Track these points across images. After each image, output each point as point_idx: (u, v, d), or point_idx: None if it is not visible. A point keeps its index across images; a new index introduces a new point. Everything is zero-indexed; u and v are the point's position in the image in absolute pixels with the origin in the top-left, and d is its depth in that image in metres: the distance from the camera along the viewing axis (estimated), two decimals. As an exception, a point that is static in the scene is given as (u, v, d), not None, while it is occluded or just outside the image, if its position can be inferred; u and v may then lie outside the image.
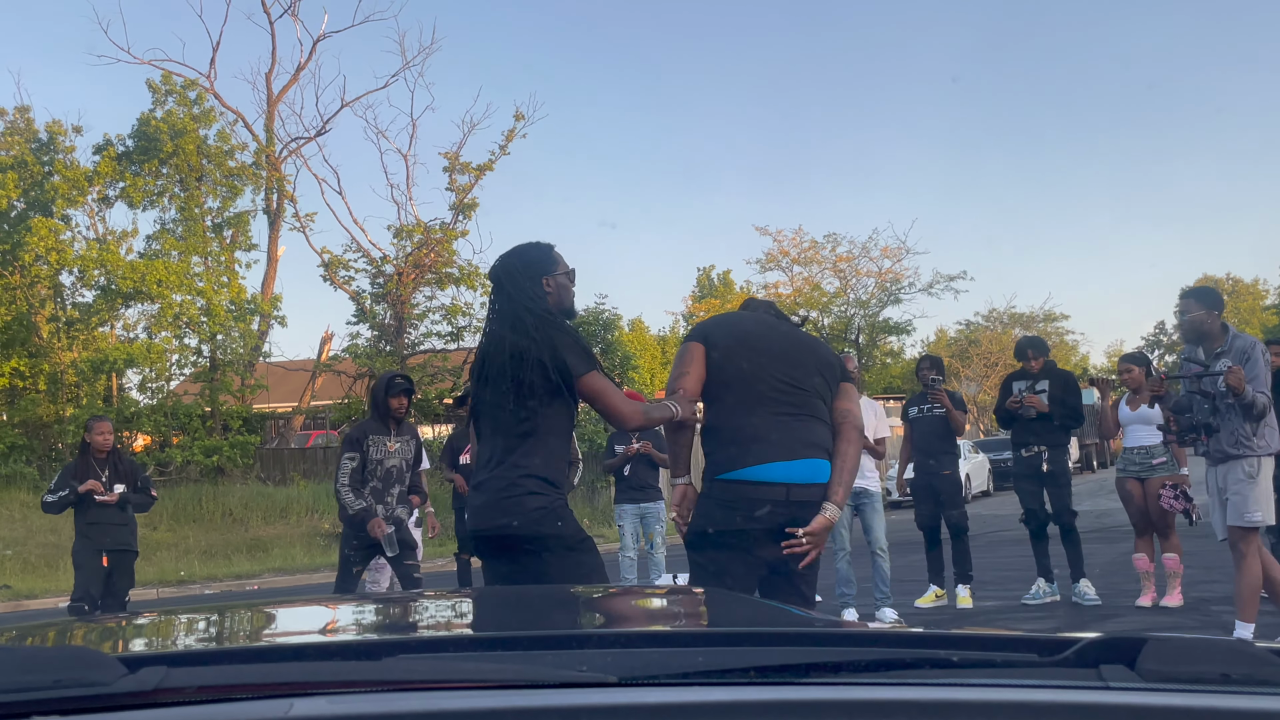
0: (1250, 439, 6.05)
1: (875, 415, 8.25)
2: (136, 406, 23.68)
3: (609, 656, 0.99)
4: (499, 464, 3.67)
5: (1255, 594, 6.20)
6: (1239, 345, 6.14)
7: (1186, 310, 6.30)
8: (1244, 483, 6.05)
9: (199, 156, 25.08)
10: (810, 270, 35.96)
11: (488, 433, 3.79)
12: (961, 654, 0.96)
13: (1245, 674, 0.88)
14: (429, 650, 1.09)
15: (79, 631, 1.36)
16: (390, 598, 2.12)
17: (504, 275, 3.82)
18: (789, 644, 1.01)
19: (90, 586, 8.06)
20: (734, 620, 1.46)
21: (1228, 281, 69.99)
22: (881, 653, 1.00)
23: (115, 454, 8.38)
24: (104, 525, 8.12)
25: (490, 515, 3.63)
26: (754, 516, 3.74)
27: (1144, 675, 0.90)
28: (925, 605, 8.84)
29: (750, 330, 4.08)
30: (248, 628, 1.39)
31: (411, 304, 25.91)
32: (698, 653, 0.97)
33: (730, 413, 3.91)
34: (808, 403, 3.92)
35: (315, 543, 19.16)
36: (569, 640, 1.04)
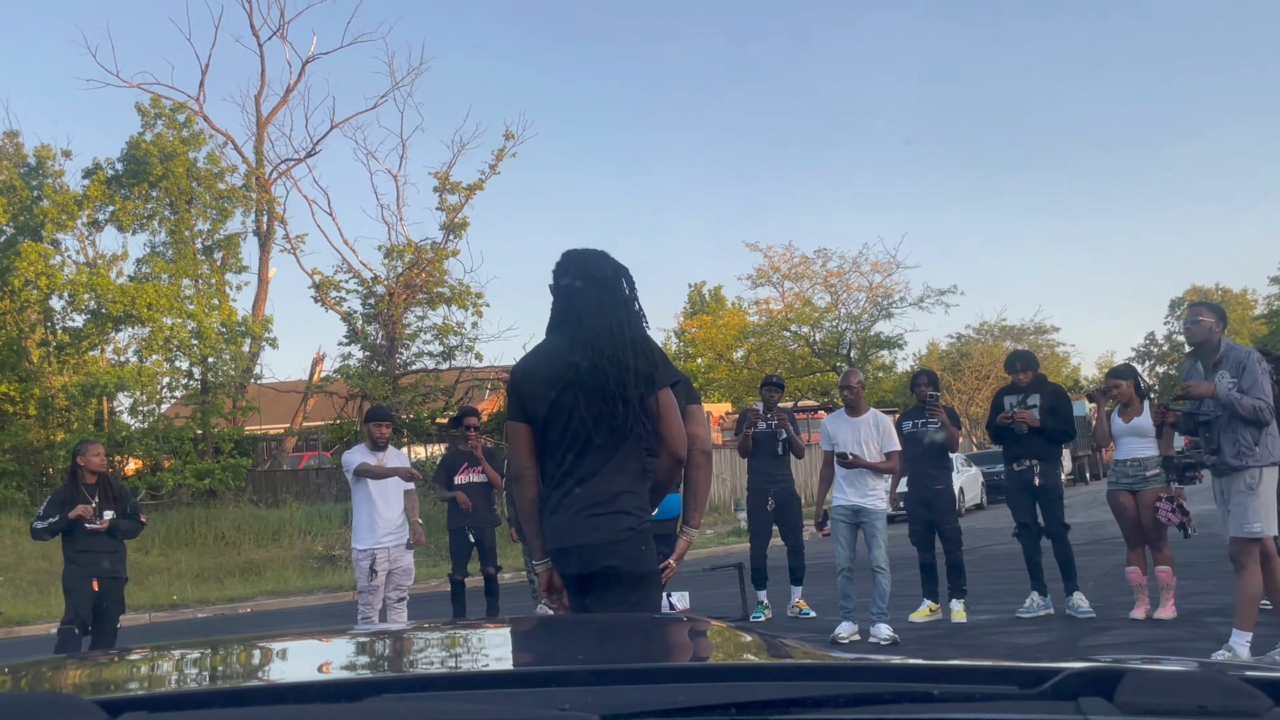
0: (1252, 448, 6.06)
1: (881, 430, 8.15)
2: (128, 430, 23.58)
3: (590, 694, 0.99)
4: (586, 480, 3.52)
5: (1254, 604, 6.22)
6: (1234, 356, 6.19)
7: (1199, 318, 6.33)
8: (1244, 494, 6.07)
9: (189, 179, 25.05)
10: (801, 285, 35.98)
11: (572, 445, 3.56)
12: (941, 687, 0.97)
13: (1221, 705, 0.88)
14: (410, 689, 1.09)
15: (60, 673, 1.35)
16: (374, 631, 2.11)
17: (613, 276, 3.64)
18: (770, 678, 1.01)
19: (81, 609, 7.99)
20: (717, 653, 1.46)
21: (1217, 292, 70.24)
22: (862, 687, 1.00)
23: (105, 479, 8.27)
24: (94, 552, 8.02)
25: (577, 534, 3.51)
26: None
27: (1122, 708, 0.90)
28: (920, 620, 8.83)
29: None
30: (229, 667, 1.39)
31: (403, 324, 25.88)
32: (679, 689, 0.97)
33: None
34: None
35: (308, 565, 19.09)
36: (551, 677, 1.04)
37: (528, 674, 1.09)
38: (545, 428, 3.59)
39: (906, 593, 9.52)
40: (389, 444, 8.47)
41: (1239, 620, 6.24)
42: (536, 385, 3.60)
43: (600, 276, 3.63)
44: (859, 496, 8.03)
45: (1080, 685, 0.95)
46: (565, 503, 3.55)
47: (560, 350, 3.59)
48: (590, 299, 3.60)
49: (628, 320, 3.59)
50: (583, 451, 3.54)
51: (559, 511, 3.57)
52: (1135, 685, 0.92)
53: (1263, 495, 6.07)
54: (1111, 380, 8.44)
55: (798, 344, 36.70)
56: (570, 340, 3.57)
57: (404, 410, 24.52)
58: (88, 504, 7.96)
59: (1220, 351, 6.24)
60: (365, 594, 8.24)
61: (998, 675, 1.04)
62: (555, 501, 3.59)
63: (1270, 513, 6.11)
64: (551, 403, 3.55)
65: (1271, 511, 6.13)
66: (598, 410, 3.50)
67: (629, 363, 3.49)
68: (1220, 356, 6.22)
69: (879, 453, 8.05)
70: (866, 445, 8.02)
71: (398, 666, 1.40)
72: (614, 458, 3.53)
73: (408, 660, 1.47)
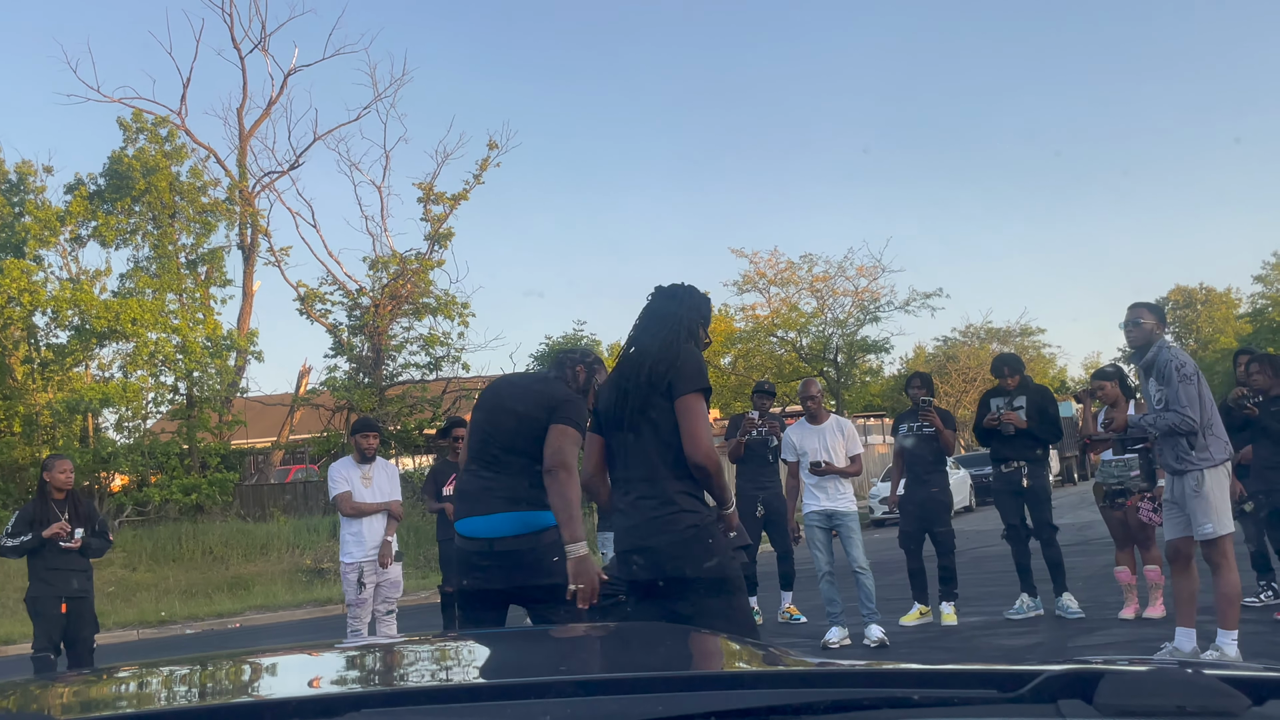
0: (1189, 453, 6.14)
1: (845, 435, 8.28)
2: (113, 446, 23.46)
3: (570, 706, 0.99)
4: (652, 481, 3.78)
5: (1234, 602, 6.23)
6: (1159, 363, 6.24)
7: (1139, 320, 6.37)
8: (1191, 498, 6.15)
9: (171, 193, 24.98)
10: (787, 291, 36.03)
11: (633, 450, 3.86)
12: (921, 692, 0.96)
13: (1200, 705, 0.88)
14: (389, 704, 1.08)
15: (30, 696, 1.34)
16: (354, 645, 2.10)
17: (685, 299, 4.06)
18: (749, 687, 1.00)
19: (52, 635, 7.76)
20: (697, 662, 1.46)
21: (1201, 290, 70.59)
22: (841, 693, 0.99)
23: (73, 496, 8.05)
24: (64, 571, 7.78)
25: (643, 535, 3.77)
26: (466, 566, 4.28)
27: (1101, 710, 0.90)
28: (910, 623, 8.84)
29: (492, 389, 4.63)
30: (203, 685, 1.38)
31: (389, 335, 25.83)
32: (659, 699, 0.96)
33: (463, 471, 4.51)
34: (511, 458, 4.36)
35: (297, 579, 19.01)
36: (530, 689, 1.04)
37: (507, 686, 1.08)
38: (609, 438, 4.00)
39: (897, 596, 9.52)
40: (376, 455, 8.43)
41: (1222, 620, 6.26)
42: (601, 400, 4.05)
43: (661, 309, 4.05)
44: (830, 501, 8.13)
45: (1060, 687, 0.95)
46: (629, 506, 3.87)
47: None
48: (645, 323, 4.03)
49: (667, 335, 3.91)
50: (631, 456, 3.87)
51: (624, 514, 3.87)
52: (1114, 687, 0.92)
53: (1209, 496, 6.11)
54: (1096, 381, 8.46)
55: (784, 349, 36.77)
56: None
57: (391, 422, 24.46)
58: (59, 521, 7.74)
59: (1150, 355, 6.30)
60: (354, 607, 8.21)
61: (977, 679, 1.03)
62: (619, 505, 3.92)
63: (1220, 512, 6.15)
64: (609, 414, 3.95)
65: (1223, 510, 6.17)
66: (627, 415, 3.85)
67: (646, 368, 3.82)
68: (1150, 361, 6.29)
69: (845, 457, 8.16)
70: (834, 451, 8.15)
71: (377, 680, 1.39)
72: (658, 459, 3.78)
73: (388, 674, 1.46)
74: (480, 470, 4.42)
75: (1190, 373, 6.16)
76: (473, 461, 4.48)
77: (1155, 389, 6.22)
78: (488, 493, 4.35)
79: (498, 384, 4.74)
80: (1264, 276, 62.27)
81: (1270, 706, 0.89)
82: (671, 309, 4.01)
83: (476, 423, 4.54)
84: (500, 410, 4.48)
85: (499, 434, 4.43)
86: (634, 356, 3.91)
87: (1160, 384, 6.18)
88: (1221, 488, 6.16)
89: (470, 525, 4.35)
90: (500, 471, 4.38)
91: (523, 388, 4.60)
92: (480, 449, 4.46)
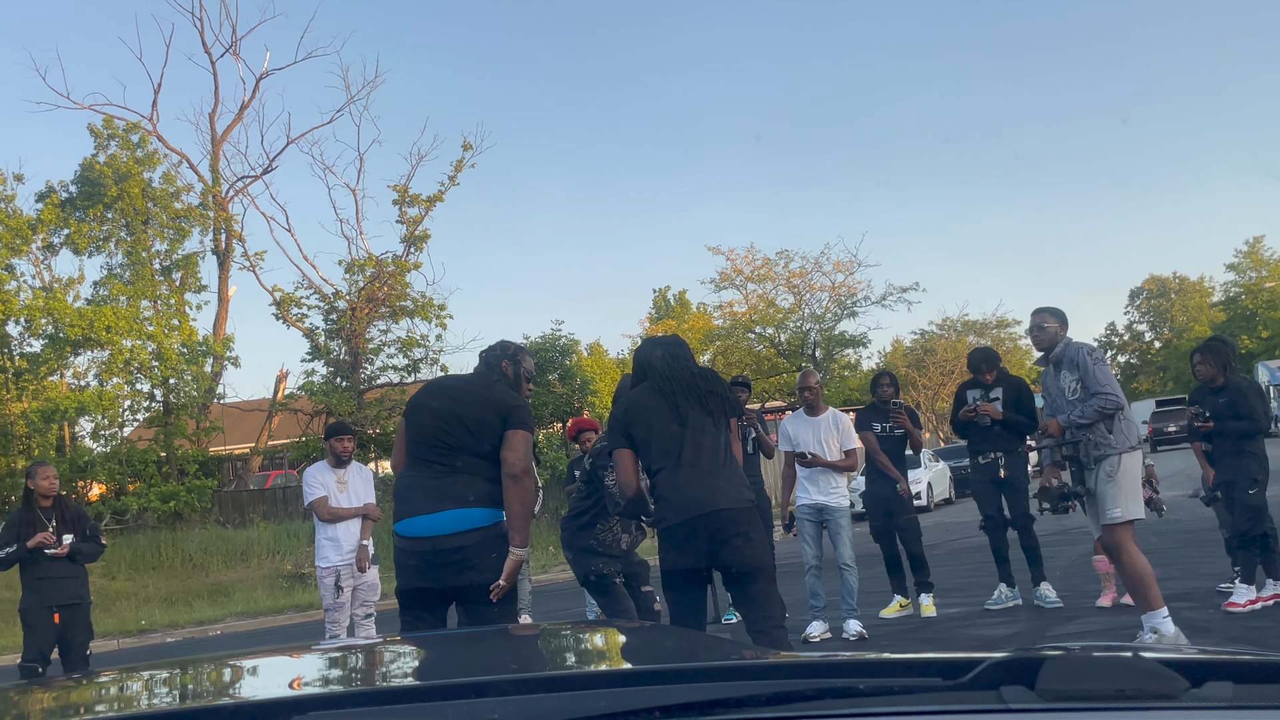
0: (1107, 437, 6.23)
1: (840, 429, 8.24)
2: (90, 455, 23.31)
3: (518, 704, 0.98)
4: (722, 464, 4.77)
5: (1146, 583, 6.19)
6: (1069, 354, 6.35)
7: (1043, 325, 6.50)
8: (1105, 482, 6.22)
9: (144, 199, 24.82)
10: (764, 287, 36.07)
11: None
12: (866, 681, 0.97)
13: (1139, 689, 0.89)
14: (338, 706, 1.07)
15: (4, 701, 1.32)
16: (310, 648, 2.09)
17: (677, 344, 5.17)
18: (694, 680, 1.00)
19: (42, 646, 7.72)
20: (644, 656, 1.46)
21: (1174, 280, 71.12)
22: (788, 684, 1.00)
23: (61, 501, 8.00)
24: (54, 579, 7.74)
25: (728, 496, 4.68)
26: (411, 566, 4.45)
27: (1043, 695, 0.91)
28: (890, 616, 8.87)
29: (430, 392, 4.79)
30: (158, 691, 1.36)
31: (366, 338, 25.75)
32: (602, 695, 0.96)
33: (402, 473, 4.63)
34: (457, 458, 4.51)
35: (278, 584, 18.94)
36: (480, 688, 1.03)
37: (457, 686, 1.08)
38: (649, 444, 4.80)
39: (878, 589, 9.56)
40: (352, 459, 8.40)
41: (1140, 604, 6.28)
42: (640, 415, 4.85)
43: (662, 352, 5.05)
44: (822, 495, 8.11)
45: (1002, 674, 0.95)
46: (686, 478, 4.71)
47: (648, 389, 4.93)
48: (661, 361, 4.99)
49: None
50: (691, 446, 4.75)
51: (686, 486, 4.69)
52: (1055, 672, 0.93)
53: (1122, 481, 6.19)
54: None
55: (763, 345, 36.82)
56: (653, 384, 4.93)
57: (370, 425, 24.39)
58: (45, 528, 7.70)
59: (1058, 351, 6.41)
60: (331, 611, 8.17)
61: (921, 667, 1.04)
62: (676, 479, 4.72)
63: (1131, 497, 6.22)
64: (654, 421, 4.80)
65: (1133, 496, 6.25)
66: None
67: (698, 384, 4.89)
68: (1059, 356, 6.39)
69: (839, 451, 8.14)
70: (827, 444, 8.10)
71: (329, 683, 1.38)
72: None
73: (339, 676, 1.45)
74: (426, 471, 4.54)
75: (1100, 356, 6.34)
76: (417, 463, 4.58)
77: (1069, 379, 6.32)
78: (435, 493, 4.45)
79: (437, 387, 4.89)
80: (1236, 265, 62.89)
81: (1208, 688, 0.90)
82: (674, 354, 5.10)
83: (421, 425, 4.62)
84: (448, 414, 4.58)
85: (449, 436, 4.53)
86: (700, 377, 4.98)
87: (1073, 372, 6.28)
88: (1134, 473, 6.26)
89: (414, 525, 4.45)
90: (449, 473, 4.50)
91: (466, 391, 4.71)
92: (428, 451, 4.56)
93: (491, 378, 4.81)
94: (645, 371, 4.99)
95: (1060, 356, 6.37)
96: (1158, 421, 40.40)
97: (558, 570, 17.62)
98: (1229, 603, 7.55)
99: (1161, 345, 71.05)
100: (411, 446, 4.66)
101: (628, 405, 4.91)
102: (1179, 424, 34.64)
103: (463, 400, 4.63)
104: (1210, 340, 8.14)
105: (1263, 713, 0.88)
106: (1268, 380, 39.28)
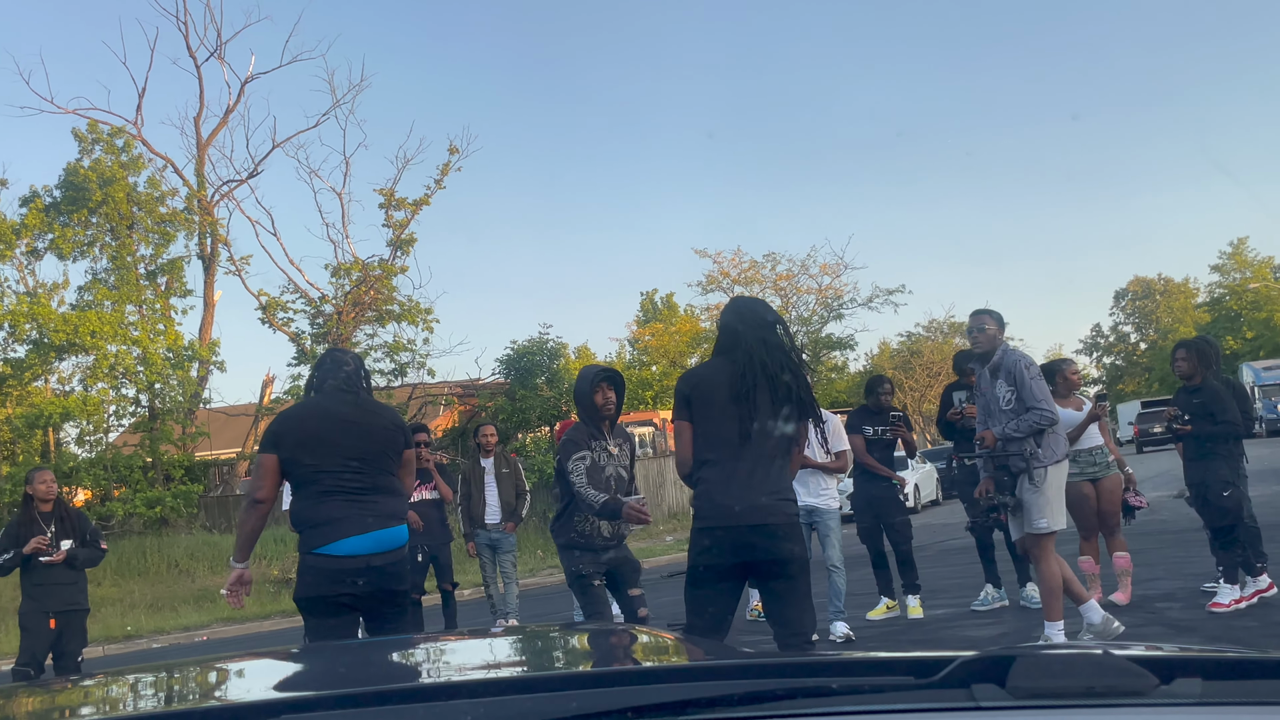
0: (1036, 450, 6.32)
1: (829, 430, 8.20)
2: (75, 460, 23.20)
3: (489, 706, 0.98)
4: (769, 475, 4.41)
5: (1057, 595, 6.43)
6: (1007, 364, 6.41)
7: (984, 327, 6.56)
8: (1031, 493, 6.31)
9: (129, 204, 24.74)
10: (751, 290, 36.13)
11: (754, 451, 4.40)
12: (840, 680, 0.97)
13: (1108, 686, 0.89)
14: (310, 709, 1.07)
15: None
16: (283, 653, 2.09)
17: (776, 321, 4.60)
18: (667, 680, 1.00)
19: (36, 651, 7.69)
20: (618, 658, 1.46)
21: (1159, 281, 71.40)
22: (761, 684, 1.00)
23: (61, 506, 7.97)
24: (51, 586, 7.70)
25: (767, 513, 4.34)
26: (344, 584, 4.61)
27: (1013, 693, 0.91)
28: (877, 618, 8.87)
29: (316, 427, 4.80)
30: (120, 697, 1.36)
31: (353, 343, 25.69)
32: (574, 696, 0.96)
33: (313, 501, 4.70)
34: (371, 479, 4.73)
35: (264, 590, 18.85)
36: (452, 689, 1.03)
37: (430, 688, 1.07)
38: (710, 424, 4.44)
39: (865, 591, 9.56)
40: None
41: (1047, 612, 6.48)
42: (708, 391, 4.46)
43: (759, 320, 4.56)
44: (811, 497, 8.08)
45: (973, 673, 0.96)
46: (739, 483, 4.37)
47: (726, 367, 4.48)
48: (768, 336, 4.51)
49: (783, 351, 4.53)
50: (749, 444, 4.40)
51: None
52: (1026, 669, 0.93)
53: (1048, 492, 6.30)
54: (1069, 366, 8.59)
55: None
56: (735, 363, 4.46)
57: (357, 429, 24.29)
58: (43, 534, 7.66)
59: (996, 358, 6.46)
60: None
61: (893, 666, 1.04)
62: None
63: (1056, 508, 6.34)
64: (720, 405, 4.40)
65: (1058, 507, 6.36)
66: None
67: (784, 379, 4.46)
68: (997, 364, 6.45)
69: (828, 453, 8.10)
70: (813, 446, 8.06)
71: (302, 685, 1.38)
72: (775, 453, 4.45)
73: (312, 679, 1.44)
74: (349, 492, 4.69)
75: (1037, 370, 6.44)
76: (340, 487, 4.70)
77: (1004, 389, 6.38)
78: (364, 512, 4.66)
79: (336, 408, 4.87)
80: (1221, 266, 63.21)
81: (1178, 685, 0.90)
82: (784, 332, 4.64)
83: (333, 444, 4.73)
84: (362, 434, 4.77)
85: (368, 456, 4.75)
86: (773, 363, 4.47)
87: (1010, 384, 6.34)
88: (1059, 484, 6.37)
89: (350, 545, 4.62)
90: (374, 492, 4.73)
91: (367, 410, 4.91)
92: (346, 472, 4.71)
93: (368, 396, 5.11)
94: (732, 343, 4.52)
95: (999, 365, 6.43)
96: (1143, 423, 40.53)
97: (546, 574, 17.61)
98: (1213, 603, 7.58)
99: (1147, 347, 71.32)
100: (330, 467, 4.86)
101: (696, 381, 4.57)
102: (1164, 425, 34.79)
103: (372, 420, 4.94)
104: (1197, 338, 8.16)
105: (1231, 708, 0.88)
106: (1252, 381, 39.42)
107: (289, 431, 4.79)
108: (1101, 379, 70.31)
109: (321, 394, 4.91)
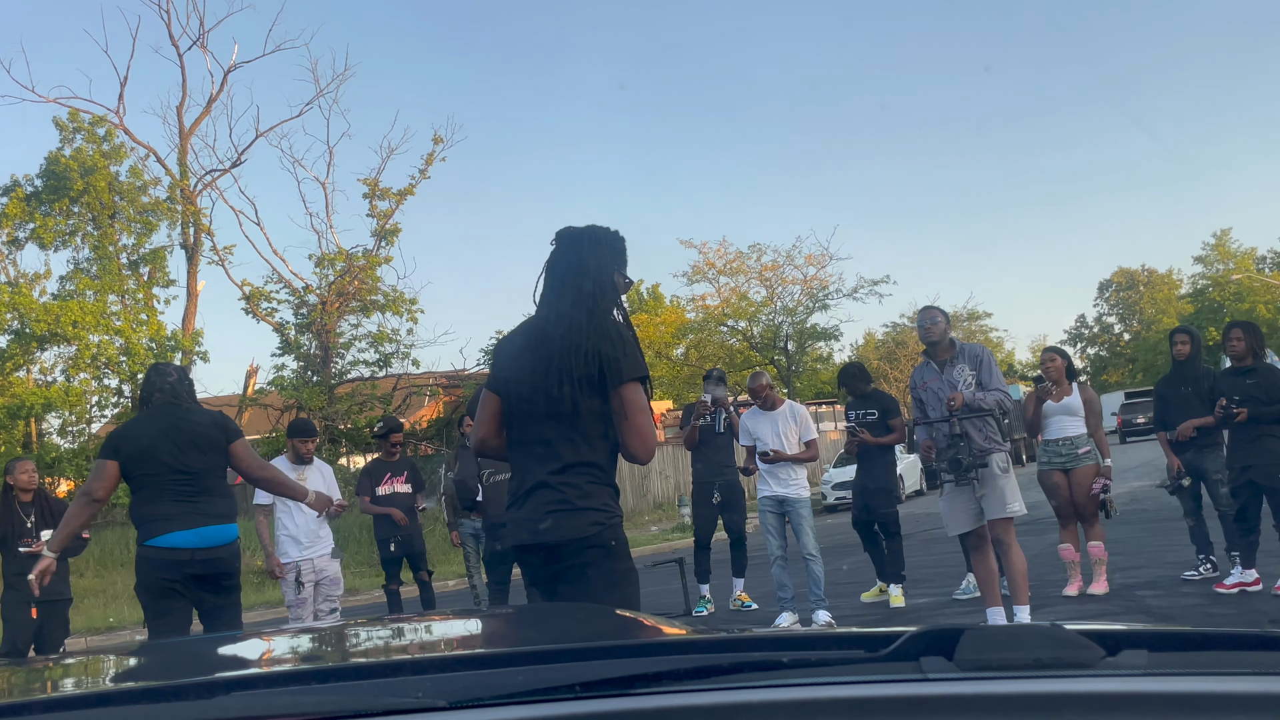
0: (998, 434, 6.45)
1: (798, 420, 8.34)
2: (58, 451, 23.10)
3: (439, 681, 0.98)
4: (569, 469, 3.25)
5: (1025, 578, 6.62)
6: (969, 351, 6.62)
7: (936, 320, 6.72)
8: (998, 477, 6.38)
9: (111, 193, 24.63)
10: (737, 280, 36.13)
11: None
12: (789, 655, 0.97)
13: (1055, 658, 0.89)
14: (266, 685, 1.06)
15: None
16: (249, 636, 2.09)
17: (586, 243, 3.47)
18: (616, 657, 1.00)
19: (18, 640, 7.68)
20: (558, 634, 1.47)
21: (1143, 272, 71.72)
22: (708, 659, 1.00)
23: (41, 496, 8.00)
24: None
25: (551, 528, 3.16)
26: (171, 572, 5.17)
27: (961, 665, 0.92)
28: (870, 600, 9.01)
29: (147, 441, 5.23)
30: (80, 676, 1.35)
31: (337, 333, 25.64)
32: (523, 672, 0.96)
33: (147, 501, 5.21)
34: (199, 482, 5.24)
35: (247, 580, 18.72)
36: (405, 666, 1.03)
37: (383, 665, 1.07)
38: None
39: (845, 581, 9.62)
40: (314, 457, 8.43)
41: (1015, 596, 6.62)
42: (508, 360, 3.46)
43: (594, 241, 3.53)
44: (782, 487, 8.21)
45: (922, 646, 0.96)
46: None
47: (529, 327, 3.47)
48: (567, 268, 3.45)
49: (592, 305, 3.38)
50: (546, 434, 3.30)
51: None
52: (973, 643, 0.94)
53: (1011, 475, 6.44)
54: (1047, 354, 8.63)
55: (735, 339, 36.88)
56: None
57: (341, 420, 24.27)
58: (24, 524, 7.70)
59: (955, 349, 6.62)
60: (295, 607, 8.12)
61: (844, 641, 1.05)
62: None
63: (1017, 492, 6.46)
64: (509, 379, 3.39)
65: (1017, 490, 6.48)
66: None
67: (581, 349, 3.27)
68: (955, 354, 6.60)
69: (799, 443, 8.22)
70: (786, 437, 8.22)
71: (260, 664, 1.37)
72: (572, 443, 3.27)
73: (271, 658, 1.44)
74: (178, 494, 5.19)
75: (995, 360, 6.65)
76: (171, 490, 5.19)
77: (967, 373, 6.50)
78: (193, 511, 5.18)
79: (162, 421, 5.29)
80: (1204, 257, 63.53)
81: (1124, 656, 0.91)
82: (587, 261, 3.44)
83: (163, 453, 5.19)
84: (186, 443, 5.23)
85: (194, 461, 5.23)
86: (556, 326, 3.34)
87: (972, 366, 6.49)
88: (1011, 470, 6.50)
89: (177, 539, 5.14)
90: (202, 494, 5.24)
91: (190, 419, 5.34)
92: (176, 476, 5.19)
93: (192, 405, 5.58)
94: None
95: (959, 352, 6.58)
96: (1127, 413, 40.70)
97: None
98: (1219, 584, 7.71)
99: (1131, 338, 71.65)
100: (165, 470, 5.31)
101: (496, 347, 3.64)
102: (1147, 415, 34.97)
103: (200, 427, 5.37)
104: (1244, 322, 8.12)
105: (1174, 678, 0.89)
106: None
107: (125, 443, 5.30)
108: (1085, 369, 70.57)
109: (150, 406, 5.37)
